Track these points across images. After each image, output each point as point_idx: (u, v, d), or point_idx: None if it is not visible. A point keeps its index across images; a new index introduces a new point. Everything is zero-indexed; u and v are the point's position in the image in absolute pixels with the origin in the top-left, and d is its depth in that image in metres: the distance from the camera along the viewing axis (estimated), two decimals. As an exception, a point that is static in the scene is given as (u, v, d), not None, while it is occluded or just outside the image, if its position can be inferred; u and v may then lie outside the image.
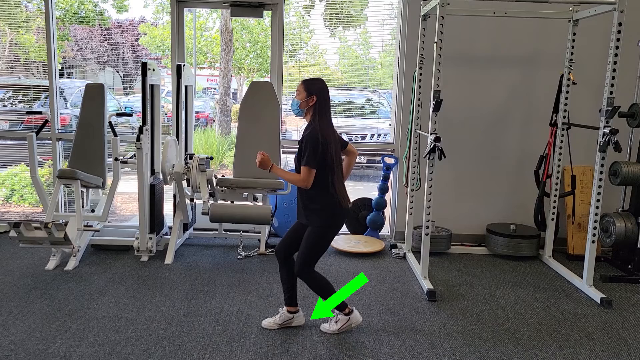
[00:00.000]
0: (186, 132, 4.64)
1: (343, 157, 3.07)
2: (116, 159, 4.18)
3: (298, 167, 2.91)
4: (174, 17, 4.77)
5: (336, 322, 3.08)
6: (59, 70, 5.60)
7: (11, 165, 5.58)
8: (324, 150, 2.81)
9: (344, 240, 4.79)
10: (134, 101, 6.84)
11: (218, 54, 10.97)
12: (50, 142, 4.91)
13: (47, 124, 4.44)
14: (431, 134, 3.71)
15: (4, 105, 5.52)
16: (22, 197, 5.80)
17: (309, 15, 5.72)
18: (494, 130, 4.83)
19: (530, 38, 4.67)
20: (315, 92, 2.87)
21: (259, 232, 4.78)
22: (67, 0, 5.27)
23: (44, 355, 2.72)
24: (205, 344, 2.90)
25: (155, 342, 2.90)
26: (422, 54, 4.28)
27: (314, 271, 3.01)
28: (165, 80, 9.15)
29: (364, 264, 4.35)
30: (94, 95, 4.48)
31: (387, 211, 5.08)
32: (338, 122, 6.09)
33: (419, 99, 4.38)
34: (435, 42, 3.66)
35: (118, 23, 6.17)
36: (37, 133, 4.22)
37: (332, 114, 2.96)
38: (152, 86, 4.30)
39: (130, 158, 4.21)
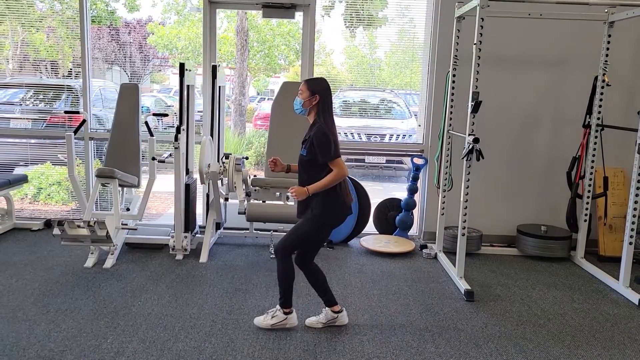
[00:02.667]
0: (219, 132, 4.67)
1: None
2: (153, 159, 4.22)
3: (305, 164, 2.92)
4: (206, 17, 4.81)
5: (272, 317, 3.08)
6: (69, 70, 5.67)
7: (36, 164, 5.63)
8: (334, 143, 2.85)
9: (374, 240, 4.81)
10: (143, 100, 6.86)
11: (226, 54, 10.99)
12: (82, 141, 4.95)
13: (84, 124, 4.47)
14: (469, 135, 3.73)
15: (25, 105, 5.58)
16: (49, 195, 5.86)
17: (328, 16, 5.76)
18: (524, 131, 4.84)
19: (561, 40, 4.68)
20: (318, 92, 2.89)
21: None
22: None
23: (98, 350, 2.76)
24: (252, 341, 2.94)
25: (204, 339, 2.93)
26: (456, 55, 4.30)
27: (291, 258, 3.01)
28: (170, 80, 9.13)
29: (396, 264, 4.37)
30: (129, 95, 4.53)
31: (416, 212, 5.10)
32: (354, 122, 6.15)
33: (452, 100, 4.40)
34: (475, 44, 3.67)
35: (126, 22, 6.23)
36: (75, 132, 4.27)
37: (348, 114, 2.99)
38: (188, 86, 4.34)
39: (167, 157, 4.26)
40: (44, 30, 5.38)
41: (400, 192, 5.79)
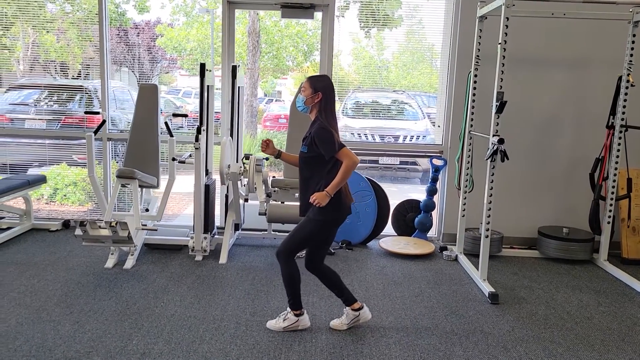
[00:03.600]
0: (238, 133, 4.66)
1: None
2: (173, 159, 4.21)
3: (306, 161, 2.90)
4: (225, 18, 4.80)
5: (284, 319, 3.06)
6: (78, 71, 5.69)
7: (51, 165, 5.64)
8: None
9: (393, 241, 4.77)
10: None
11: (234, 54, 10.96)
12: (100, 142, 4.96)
13: (104, 124, 4.47)
14: (493, 135, 3.69)
15: (39, 106, 5.60)
16: (65, 196, 5.87)
17: (343, 17, 5.74)
18: (545, 132, 4.78)
19: (583, 39, 4.63)
20: (320, 89, 2.87)
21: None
22: (90, 1, 5.32)
23: (124, 352, 2.75)
24: (278, 344, 2.91)
25: (229, 341, 2.91)
26: (478, 55, 4.26)
27: (294, 260, 2.98)
28: (178, 81, 9.14)
29: (417, 266, 4.33)
30: (148, 95, 4.52)
31: (434, 213, 5.06)
32: (367, 124, 6.11)
33: (474, 100, 4.35)
34: (499, 43, 3.63)
35: (135, 24, 6.24)
36: (95, 133, 4.27)
37: (360, 114, 2.97)
38: (208, 87, 4.33)
39: (187, 158, 4.24)
40: (54, 32, 5.39)
41: (414, 193, 5.76)
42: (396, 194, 5.89)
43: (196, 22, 9.21)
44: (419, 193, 6.15)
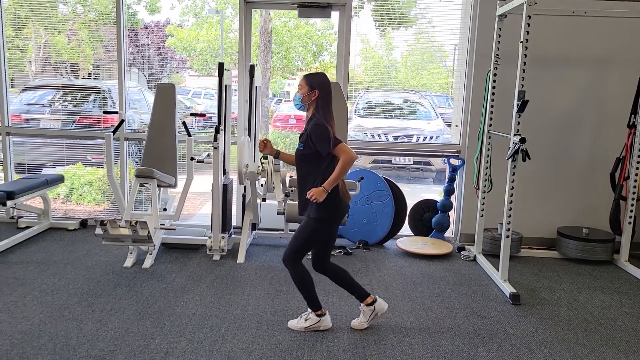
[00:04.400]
0: (256, 133, 4.65)
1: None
2: (192, 159, 4.21)
3: (303, 158, 2.89)
4: (242, 18, 4.80)
5: (305, 319, 3.05)
6: (89, 72, 5.71)
7: (65, 164, 5.67)
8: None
9: (410, 241, 4.75)
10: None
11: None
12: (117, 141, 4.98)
13: (122, 124, 4.49)
14: (515, 134, 3.66)
15: (54, 106, 5.64)
16: (81, 195, 5.90)
17: (357, 16, 5.72)
18: (564, 131, 4.74)
19: (603, 38, 4.57)
20: (317, 87, 2.86)
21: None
22: (102, 2, 5.35)
23: (147, 350, 2.75)
24: (300, 343, 2.90)
25: (251, 341, 2.90)
26: (497, 54, 4.23)
27: (301, 263, 2.97)
28: (186, 82, 9.17)
29: (435, 266, 4.30)
30: (166, 95, 4.53)
31: (451, 213, 5.02)
32: (378, 123, 6.08)
33: (493, 100, 4.32)
34: (521, 42, 3.60)
35: (144, 25, 6.26)
36: (114, 132, 4.28)
37: (372, 114, 2.94)
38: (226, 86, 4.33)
39: (206, 157, 4.25)
40: (65, 32, 5.42)
41: (428, 193, 5.74)
42: (409, 194, 5.86)
43: (206, 22, 9.23)
44: (432, 193, 6.13)
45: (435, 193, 6.47)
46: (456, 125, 5.05)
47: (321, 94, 2.87)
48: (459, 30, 4.97)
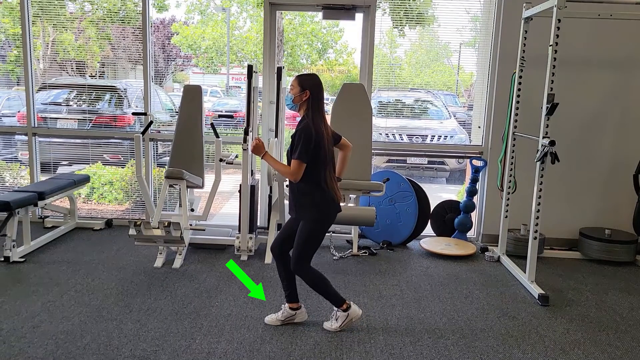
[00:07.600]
0: (282, 133, 4.69)
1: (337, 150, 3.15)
2: (221, 160, 4.26)
3: (289, 160, 2.92)
4: (267, 19, 4.83)
5: (336, 319, 3.09)
6: (96, 70, 5.73)
7: (83, 164, 5.71)
8: (317, 144, 2.83)
9: (433, 242, 4.79)
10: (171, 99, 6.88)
11: (249, 53, 11.01)
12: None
13: (151, 125, 4.53)
14: (544, 137, 3.69)
15: (69, 105, 5.68)
16: (102, 195, 5.95)
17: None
18: (587, 132, 4.76)
19: (628, 40, 4.59)
20: (308, 88, 2.89)
21: (347, 233, 4.84)
22: (110, 0, 5.39)
23: (189, 351, 2.80)
24: (337, 344, 2.95)
25: (290, 342, 2.95)
26: (523, 57, 4.25)
27: (310, 267, 3.01)
28: (191, 79, 9.15)
29: (460, 267, 4.34)
30: (192, 96, 4.58)
31: (474, 214, 5.06)
32: (391, 123, 6.09)
33: (518, 102, 4.35)
34: (551, 45, 3.63)
35: (151, 22, 6.29)
36: (143, 133, 4.33)
37: (383, 113, 2.96)
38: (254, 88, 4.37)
39: (234, 159, 4.29)
40: (73, 30, 5.45)
41: (443, 193, 5.75)
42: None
43: (211, 20, 9.24)
44: (447, 193, 6.16)
45: (450, 193, 6.50)
46: (479, 127, 5.08)
47: (312, 95, 2.90)
48: (465, 29, 4.99)
